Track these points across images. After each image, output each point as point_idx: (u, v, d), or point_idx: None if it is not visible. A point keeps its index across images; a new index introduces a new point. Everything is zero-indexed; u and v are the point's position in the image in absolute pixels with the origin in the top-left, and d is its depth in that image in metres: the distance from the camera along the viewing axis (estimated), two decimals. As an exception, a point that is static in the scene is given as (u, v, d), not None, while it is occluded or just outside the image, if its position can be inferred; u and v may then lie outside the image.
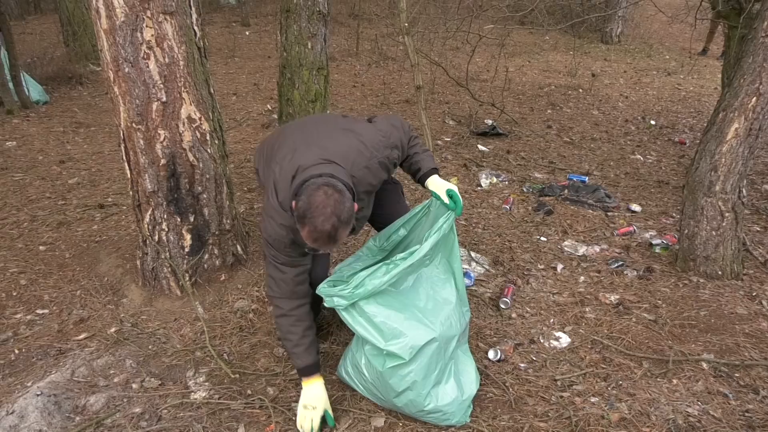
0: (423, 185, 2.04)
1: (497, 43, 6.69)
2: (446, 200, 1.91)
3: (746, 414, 2.00)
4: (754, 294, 2.69)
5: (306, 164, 1.73)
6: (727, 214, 2.67)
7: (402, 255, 1.79)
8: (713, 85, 7.65)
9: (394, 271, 1.76)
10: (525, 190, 4.01)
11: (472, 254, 3.02)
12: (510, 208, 3.68)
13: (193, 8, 2.38)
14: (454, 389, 1.90)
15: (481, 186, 4.05)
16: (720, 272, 2.78)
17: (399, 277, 1.80)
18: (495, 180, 4.12)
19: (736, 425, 1.94)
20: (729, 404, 2.04)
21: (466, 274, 2.79)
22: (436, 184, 1.98)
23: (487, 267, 2.95)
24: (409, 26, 3.69)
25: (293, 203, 1.64)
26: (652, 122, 5.99)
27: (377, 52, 8.55)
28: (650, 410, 2.00)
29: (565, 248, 3.17)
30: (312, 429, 1.86)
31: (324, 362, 2.24)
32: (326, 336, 2.39)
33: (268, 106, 5.87)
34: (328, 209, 1.57)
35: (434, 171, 2.02)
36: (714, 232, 2.72)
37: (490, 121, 5.48)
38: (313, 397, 1.89)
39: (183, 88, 2.35)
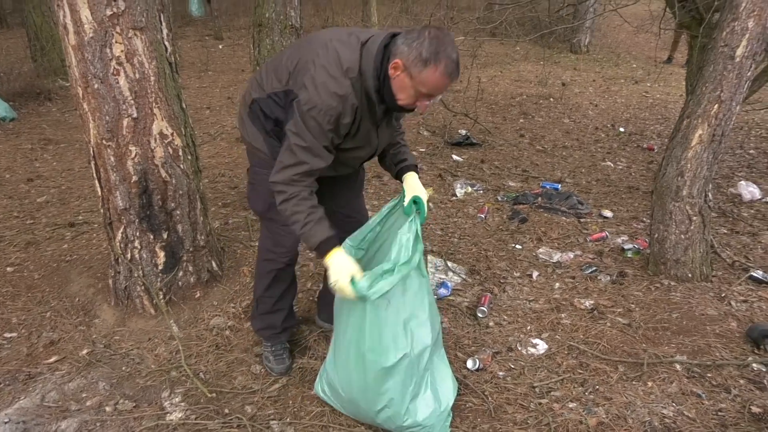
0: (399, 177, 2.02)
1: (470, 54, 6.78)
2: (406, 203, 1.89)
3: (719, 413, 2.04)
4: (723, 295, 2.76)
5: (373, 33, 1.68)
6: (694, 218, 2.74)
7: (402, 262, 1.74)
8: (679, 92, 7.86)
9: (395, 278, 1.74)
10: (499, 198, 4.05)
11: (449, 264, 3.04)
12: (485, 217, 3.71)
13: (163, 23, 2.37)
14: (431, 401, 1.89)
15: (456, 196, 4.08)
16: (690, 275, 2.85)
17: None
18: (470, 189, 4.16)
19: (710, 425, 1.98)
20: (702, 404, 2.08)
21: (443, 284, 2.81)
22: (411, 184, 1.95)
23: (464, 276, 2.96)
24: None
25: (399, 59, 1.57)
26: (621, 129, 6.12)
27: (351, 65, 8.57)
28: (627, 413, 2.03)
29: (540, 255, 3.21)
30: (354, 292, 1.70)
31: (302, 377, 2.22)
32: (304, 351, 2.38)
33: (242, 119, 5.84)
34: (446, 38, 1.56)
35: (416, 168, 2.02)
36: (683, 236, 2.78)
37: (464, 131, 5.53)
38: (341, 269, 1.70)
39: (154, 104, 2.33)
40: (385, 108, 1.74)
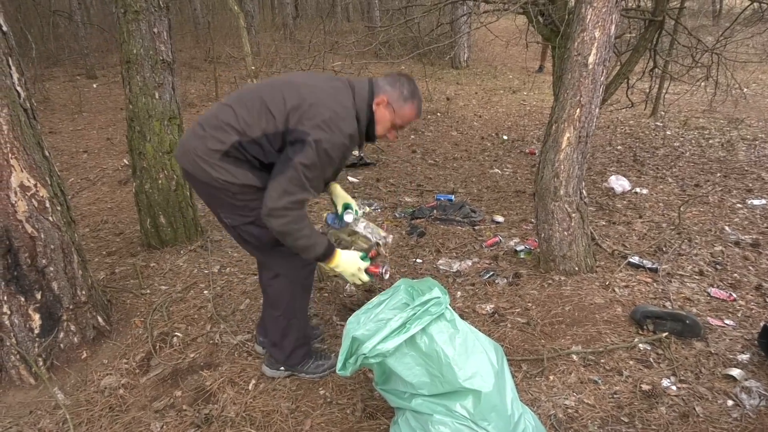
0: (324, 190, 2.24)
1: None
2: (339, 210, 2.30)
3: (615, 396, 2.17)
4: (607, 283, 2.96)
5: (350, 79, 1.97)
6: (573, 215, 2.94)
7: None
8: (551, 98, 8.47)
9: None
10: (397, 215, 4.12)
11: (351, 288, 3.02)
12: (385, 234, 3.75)
13: (13, 68, 2.18)
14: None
15: (355, 217, 4.09)
16: (576, 268, 3.04)
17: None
18: (368, 209, 4.19)
19: (608, 408, 2.10)
20: (599, 390, 2.21)
21: (348, 308, 2.79)
22: (338, 193, 2.33)
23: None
24: (257, 69, 3.69)
25: (384, 96, 1.92)
26: (505, 137, 6.48)
27: (238, 94, 8.42)
28: (533, 410, 2.10)
29: (440, 267, 3.28)
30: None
31: (208, 427, 2.09)
32: (208, 399, 2.25)
33: (125, 160, 5.51)
34: (416, 83, 1.99)
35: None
36: (566, 233, 2.97)
37: (357, 153, 5.59)
38: (349, 262, 2.06)
39: (11, 155, 2.13)
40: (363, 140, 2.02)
